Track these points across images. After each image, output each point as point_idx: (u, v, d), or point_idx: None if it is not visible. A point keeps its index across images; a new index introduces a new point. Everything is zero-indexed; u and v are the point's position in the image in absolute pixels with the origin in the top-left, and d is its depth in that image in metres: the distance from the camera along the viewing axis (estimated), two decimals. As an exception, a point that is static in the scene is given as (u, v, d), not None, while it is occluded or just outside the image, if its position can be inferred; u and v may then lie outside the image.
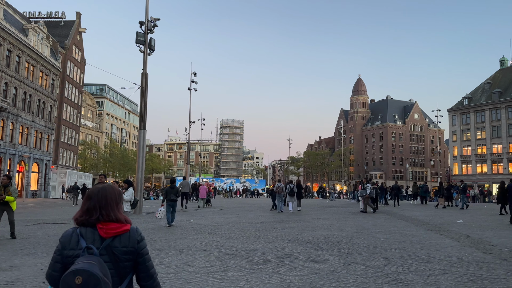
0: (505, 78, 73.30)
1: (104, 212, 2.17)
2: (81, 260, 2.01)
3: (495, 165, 69.10)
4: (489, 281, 6.08)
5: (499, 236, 11.14)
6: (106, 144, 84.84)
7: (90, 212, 2.18)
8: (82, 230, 2.16)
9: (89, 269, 1.93)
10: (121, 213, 2.24)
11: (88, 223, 2.17)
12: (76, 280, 1.91)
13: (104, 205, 2.19)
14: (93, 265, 1.96)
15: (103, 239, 2.14)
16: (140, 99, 20.41)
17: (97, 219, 2.15)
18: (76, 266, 1.96)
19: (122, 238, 2.17)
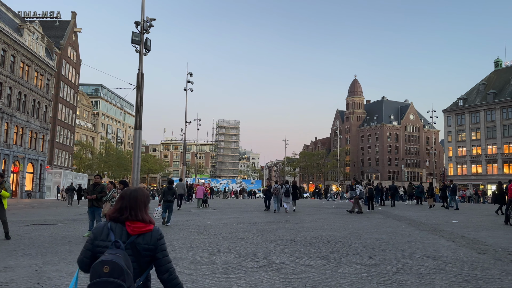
0: (499, 79, 73.76)
1: (133, 213, 2.51)
2: (109, 252, 2.35)
3: (490, 165, 69.48)
4: (483, 281, 6.11)
5: (494, 236, 11.20)
6: (102, 145, 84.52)
7: (122, 211, 2.53)
8: (112, 225, 2.51)
9: (115, 260, 2.27)
10: (147, 214, 2.58)
11: (118, 220, 2.51)
12: (104, 269, 2.26)
13: (134, 206, 2.53)
14: (119, 257, 2.30)
15: (129, 235, 2.48)
16: (136, 99, 20.34)
17: (127, 218, 2.50)
18: (104, 257, 2.31)
19: (145, 236, 2.50)
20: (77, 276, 2.69)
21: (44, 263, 7.60)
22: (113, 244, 2.40)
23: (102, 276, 2.26)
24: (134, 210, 2.52)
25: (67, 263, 7.68)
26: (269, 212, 20.69)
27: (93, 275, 2.30)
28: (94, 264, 2.31)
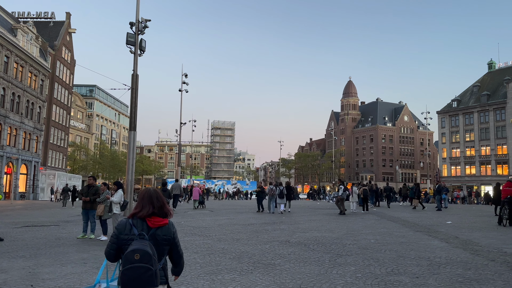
0: (493, 81, 74.31)
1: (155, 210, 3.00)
2: (136, 243, 2.80)
3: (483, 167, 69.93)
4: (477, 281, 6.14)
5: (487, 237, 11.28)
6: (96, 146, 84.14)
7: (144, 208, 2.99)
8: (133, 221, 2.96)
9: (144, 248, 2.74)
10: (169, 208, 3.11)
11: (141, 216, 2.96)
12: (135, 256, 2.71)
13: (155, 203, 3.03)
14: (146, 246, 2.77)
15: (149, 228, 2.94)
16: (131, 100, 20.28)
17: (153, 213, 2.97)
18: (134, 247, 2.76)
19: (163, 229, 2.99)
20: (104, 266, 3.24)
21: (38, 265, 7.56)
22: (138, 236, 2.86)
23: (134, 262, 2.72)
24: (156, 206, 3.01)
25: (61, 264, 7.64)
26: (263, 214, 20.69)
27: (126, 262, 2.74)
28: (127, 253, 2.76)
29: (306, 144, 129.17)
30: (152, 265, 2.74)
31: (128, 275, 2.72)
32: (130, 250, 2.76)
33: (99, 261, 7.95)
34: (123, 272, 2.74)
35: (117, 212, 10.80)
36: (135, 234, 2.89)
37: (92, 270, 7.16)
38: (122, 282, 2.75)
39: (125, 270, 2.73)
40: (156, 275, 2.77)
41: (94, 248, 9.62)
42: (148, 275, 2.72)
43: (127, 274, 2.73)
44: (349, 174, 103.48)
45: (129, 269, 2.72)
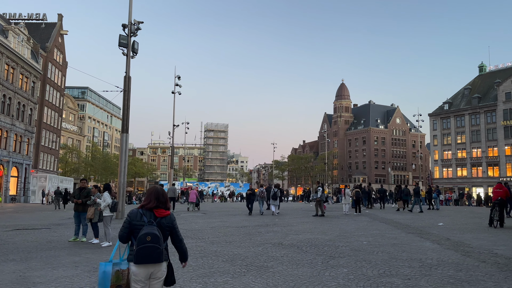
0: (483, 83, 75.11)
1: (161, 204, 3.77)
2: (147, 228, 3.56)
3: (474, 168, 70.57)
4: (468, 283, 6.20)
5: (478, 239, 11.37)
6: (88, 148, 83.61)
7: (151, 202, 3.75)
8: (143, 211, 3.71)
9: (154, 232, 3.53)
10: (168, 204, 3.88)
11: (148, 207, 3.72)
12: (147, 238, 3.47)
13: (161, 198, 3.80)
14: (155, 230, 3.56)
15: (156, 217, 3.70)
16: (123, 102, 20.22)
17: (157, 206, 3.74)
18: (146, 230, 3.52)
19: (167, 218, 3.76)
20: (117, 247, 3.84)
21: (29, 269, 7.49)
22: (148, 223, 3.62)
23: (146, 243, 3.48)
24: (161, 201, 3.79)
25: (52, 268, 7.57)
26: (256, 216, 20.68)
27: (139, 242, 3.49)
28: (140, 235, 3.49)
29: (299, 146, 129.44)
30: (160, 245, 3.54)
31: (142, 252, 3.49)
32: (143, 233, 3.52)
33: (91, 264, 7.89)
34: (137, 251, 3.50)
35: (107, 214, 10.72)
36: (144, 221, 3.64)
37: (84, 273, 7.10)
38: (137, 258, 3.51)
39: (139, 249, 3.50)
40: (162, 253, 3.58)
41: (85, 251, 9.56)
42: (157, 252, 3.52)
43: (141, 252, 3.49)
44: (342, 176, 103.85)
45: (143, 248, 3.49)
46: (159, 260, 3.55)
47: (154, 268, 3.60)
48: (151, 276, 3.62)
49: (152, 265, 3.57)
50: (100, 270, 3.67)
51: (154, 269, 3.60)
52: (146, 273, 3.58)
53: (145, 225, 3.61)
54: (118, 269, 3.71)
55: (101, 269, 3.67)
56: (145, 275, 3.57)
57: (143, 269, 3.56)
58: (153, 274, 3.62)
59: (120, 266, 3.72)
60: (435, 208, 27.01)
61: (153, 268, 3.59)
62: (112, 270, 3.69)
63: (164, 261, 3.67)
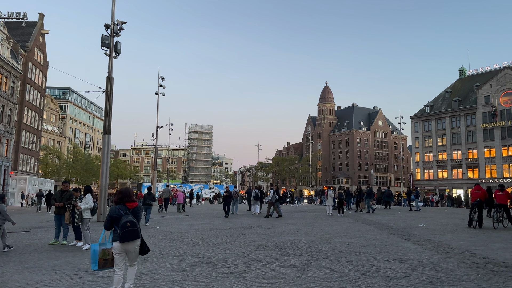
0: (464, 87, 76.69)
1: (130, 199, 5.51)
2: (125, 217, 5.23)
3: (455, 170, 71.92)
4: (447, 282, 6.31)
5: (458, 239, 11.60)
6: (69, 149, 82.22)
7: (123, 198, 5.48)
8: (119, 206, 5.40)
9: (131, 219, 5.21)
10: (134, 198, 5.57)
11: (121, 202, 5.45)
12: (127, 224, 5.11)
13: (130, 195, 5.57)
14: (131, 217, 5.24)
15: (128, 208, 5.40)
16: (105, 103, 19.97)
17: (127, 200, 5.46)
18: (125, 219, 5.19)
19: (136, 207, 5.50)
20: (103, 233, 5.56)
21: (7, 273, 7.32)
22: (124, 214, 5.32)
23: (127, 228, 5.16)
24: (130, 198, 5.55)
25: (31, 272, 7.43)
26: (240, 218, 20.64)
27: (122, 228, 5.15)
28: (122, 223, 5.18)
29: (283, 148, 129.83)
30: (136, 227, 5.30)
31: (125, 235, 5.19)
32: (124, 222, 5.22)
33: (71, 267, 7.77)
34: (122, 234, 5.17)
35: (87, 217, 10.52)
36: (121, 213, 5.34)
37: (64, 277, 6.98)
38: (122, 238, 5.18)
39: (123, 233, 5.18)
40: (139, 232, 5.34)
41: (66, 254, 9.39)
42: (136, 232, 5.28)
43: (125, 235, 5.19)
44: (326, 177, 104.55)
45: (125, 232, 5.19)
46: (137, 237, 5.35)
47: (133, 243, 5.36)
48: (129, 250, 5.33)
49: (132, 242, 5.31)
50: (91, 249, 5.51)
51: (133, 244, 5.36)
52: (126, 247, 5.28)
53: (122, 216, 5.29)
54: (104, 248, 5.49)
55: (92, 248, 5.53)
56: (125, 249, 5.29)
57: (125, 245, 5.27)
58: (131, 248, 5.34)
59: (106, 246, 5.50)
60: (415, 210, 27.41)
61: (132, 243, 5.34)
62: (99, 248, 5.45)
63: (139, 238, 5.42)
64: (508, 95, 65.38)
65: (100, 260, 5.41)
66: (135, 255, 5.44)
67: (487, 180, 64.17)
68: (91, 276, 7.05)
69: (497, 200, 15.56)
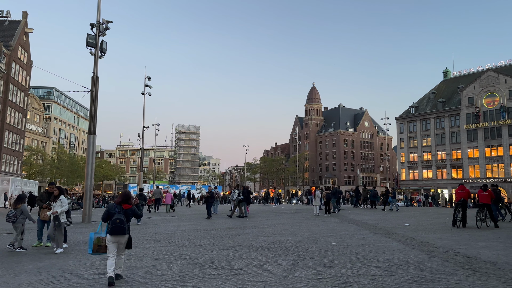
0: (448, 88, 77.88)
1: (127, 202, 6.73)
2: (117, 215, 6.47)
3: (439, 170, 72.96)
4: (431, 281, 6.40)
5: (442, 238, 11.76)
6: (54, 150, 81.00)
7: (121, 200, 6.71)
8: (116, 205, 6.66)
9: (121, 218, 6.45)
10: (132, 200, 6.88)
11: (118, 203, 6.69)
12: (117, 221, 6.37)
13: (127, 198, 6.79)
14: (122, 216, 6.48)
15: (122, 209, 6.61)
16: (90, 103, 19.74)
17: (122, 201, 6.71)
18: (116, 216, 6.45)
19: (129, 209, 6.69)
20: (100, 225, 6.76)
21: (-12, 276, 7.17)
22: (117, 212, 6.49)
23: (116, 224, 6.32)
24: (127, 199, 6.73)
25: (14, 274, 7.30)
26: (227, 218, 20.60)
27: (112, 223, 6.34)
28: (113, 219, 6.37)
29: (271, 149, 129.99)
30: (124, 225, 6.41)
31: (114, 229, 6.35)
32: (114, 218, 6.42)
33: (55, 269, 7.66)
34: (111, 228, 6.36)
35: (63, 220, 10.02)
36: (116, 211, 6.56)
37: (48, 279, 6.88)
38: (111, 232, 6.36)
39: (112, 227, 6.36)
40: (125, 229, 6.44)
41: (50, 256, 9.25)
42: (123, 228, 6.39)
43: (113, 229, 6.35)
44: (313, 178, 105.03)
45: (114, 227, 6.35)
46: (124, 233, 6.45)
47: (121, 238, 6.49)
48: (118, 242, 6.49)
49: (120, 236, 6.45)
50: (89, 236, 6.81)
51: (121, 238, 6.49)
52: (115, 239, 6.46)
53: (116, 213, 6.54)
54: (99, 236, 6.70)
55: (89, 236, 6.78)
56: (114, 240, 6.46)
57: (114, 238, 6.45)
58: (120, 241, 6.51)
59: (100, 235, 6.71)
60: (388, 210, 27.45)
61: (120, 237, 6.47)
62: (95, 236, 6.70)
63: (127, 234, 6.58)
64: (491, 96, 66.61)
65: (95, 246, 6.68)
66: (122, 247, 6.60)
67: (471, 180, 65.29)
68: (76, 278, 6.96)
69: (480, 199, 15.83)
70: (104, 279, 6.66)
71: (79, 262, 8.41)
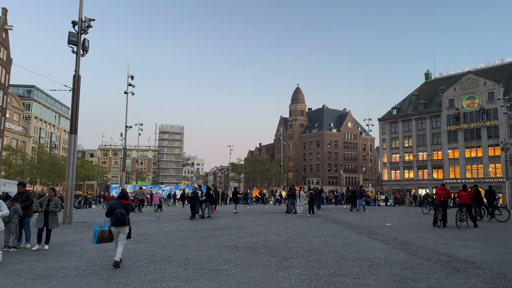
0: (429, 90, 79.26)
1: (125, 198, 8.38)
2: (118, 209, 8.04)
3: (420, 171, 74.16)
4: (412, 280, 6.49)
5: (423, 238, 11.95)
6: (34, 149, 79.40)
7: (120, 197, 8.43)
8: (117, 201, 8.27)
9: (122, 211, 8.05)
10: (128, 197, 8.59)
11: (118, 199, 8.35)
12: (119, 214, 7.97)
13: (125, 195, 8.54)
14: (122, 210, 8.08)
15: (122, 204, 8.19)
16: (72, 102, 19.41)
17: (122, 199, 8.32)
18: (118, 210, 8.02)
19: (127, 204, 8.32)
20: (104, 219, 8.25)
21: (-36, 279, 6.97)
22: (118, 207, 8.07)
23: (118, 217, 7.93)
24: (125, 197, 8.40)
25: (-9, 277, 7.11)
26: (211, 219, 20.52)
27: (115, 216, 7.95)
28: (115, 213, 7.97)
29: (255, 149, 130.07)
30: (124, 217, 7.96)
31: (116, 221, 7.89)
32: (116, 212, 7.93)
33: (35, 271, 7.52)
34: (115, 220, 7.89)
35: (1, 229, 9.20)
36: (117, 206, 8.02)
37: (27, 281, 6.74)
38: (114, 223, 7.90)
39: (115, 220, 7.90)
40: (126, 221, 7.99)
41: (29, 258, 9.06)
42: (124, 220, 7.94)
43: (116, 221, 7.88)
44: (297, 178, 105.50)
45: (117, 219, 7.89)
46: (125, 224, 8.00)
47: (122, 228, 8.00)
48: (120, 231, 7.97)
49: (121, 227, 7.97)
50: (94, 229, 8.17)
51: (122, 228, 8.00)
52: (118, 230, 7.97)
53: (117, 208, 8.01)
54: (102, 229, 8.06)
55: (94, 229, 8.16)
56: (117, 231, 7.98)
57: (117, 228, 7.96)
58: (122, 231, 7.99)
59: (104, 228, 8.08)
60: (355, 210, 27.58)
61: (121, 228, 7.99)
62: (99, 229, 8.06)
63: (127, 225, 8.08)
64: (471, 98, 68.03)
65: (98, 237, 8.06)
66: (124, 237, 8.03)
67: (451, 181, 66.53)
68: (56, 280, 6.83)
69: (460, 199, 16.15)
70: (85, 281, 6.65)
71: (60, 264, 8.26)
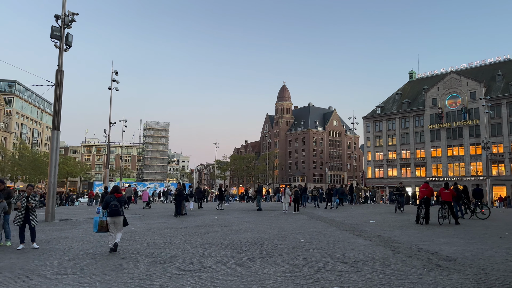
0: (413, 89, 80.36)
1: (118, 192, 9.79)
2: (113, 202, 9.45)
3: (404, 169, 75.22)
4: (396, 277, 6.58)
5: (406, 235, 12.12)
6: (15, 146, 77.86)
7: (113, 191, 9.79)
8: (111, 195, 9.62)
9: (116, 203, 9.47)
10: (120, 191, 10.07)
11: (112, 193, 9.71)
12: (113, 206, 9.39)
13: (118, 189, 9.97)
14: (116, 202, 9.50)
15: (116, 197, 9.59)
16: (54, 97, 19.07)
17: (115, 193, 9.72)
18: (112, 203, 9.43)
19: (121, 197, 9.77)
20: (101, 211, 9.75)
21: None
22: (113, 200, 9.47)
23: (113, 208, 9.33)
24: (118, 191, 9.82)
25: (-30, 276, 6.95)
26: (196, 216, 20.45)
27: (110, 208, 9.36)
28: (110, 205, 9.37)
29: (241, 147, 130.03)
30: (118, 208, 9.39)
31: (111, 212, 9.31)
32: (111, 204, 9.36)
33: (16, 270, 7.37)
34: (109, 211, 9.32)
35: None
36: (111, 199, 9.44)
37: (8, 280, 6.61)
38: (109, 214, 9.31)
39: (110, 211, 9.33)
40: (120, 212, 9.42)
41: (10, 256, 8.89)
42: (118, 210, 9.37)
43: (111, 212, 9.31)
44: (283, 176, 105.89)
45: (111, 210, 9.32)
46: (119, 214, 9.32)
47: (117, 218, 9.32)
48: (115, 222, 9.28)
49: (116, 217, 9.29)
50: (94, 220, 9.64)
51: (117, 219, 9.32)
52: (113, 220, 9.26)
53: (111, 201, 9.29)
54: (101, 220, 9.45)
55: (94, 220, 9.65)
56: (112, 221, 9.27)
57: (112, 219, 9.26)
58: (116, 221, 9.30)
59: (102, 218, 9.46)
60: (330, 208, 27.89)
61: (116, 218, 9.30)
62: (99, 220, 9.49)
63: (122, 215, 9.41)
64: (454, 98, 69.20)
65: (99, 226, 9.45)
66: (120, 225, 9.41)
67: (434, 179, 67.65)
68: (37, 278, 6.72)
69: (442, 197, 16.42)
70: (68, 279, 6.58)
71: (41, 262, 8.12)
